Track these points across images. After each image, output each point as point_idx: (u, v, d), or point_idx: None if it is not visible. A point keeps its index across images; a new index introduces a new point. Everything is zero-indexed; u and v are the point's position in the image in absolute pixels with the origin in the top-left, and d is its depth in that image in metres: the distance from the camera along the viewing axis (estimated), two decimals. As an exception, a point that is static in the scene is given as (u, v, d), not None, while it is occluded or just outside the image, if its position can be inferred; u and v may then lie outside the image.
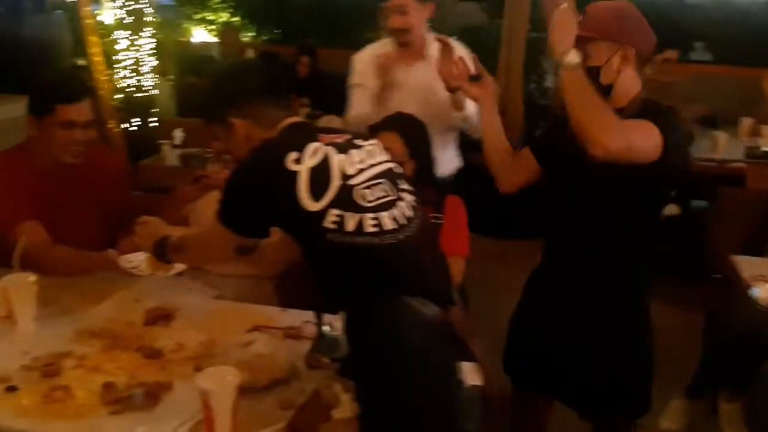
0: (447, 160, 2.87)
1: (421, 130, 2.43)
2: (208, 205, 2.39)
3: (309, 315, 1.82)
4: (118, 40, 4.62)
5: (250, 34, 7.70)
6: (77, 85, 2.33)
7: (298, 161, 1.46)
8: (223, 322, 1.94)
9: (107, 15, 4.58)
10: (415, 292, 1.44)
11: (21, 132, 2.28)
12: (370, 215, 1.46)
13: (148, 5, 4.67)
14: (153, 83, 4.92)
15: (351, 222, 1.44)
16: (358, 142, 1.58)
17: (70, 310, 1.98)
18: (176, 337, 1.84)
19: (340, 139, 1.56)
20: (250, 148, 1.59)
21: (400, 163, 2.20)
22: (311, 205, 1.43)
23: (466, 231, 2.45)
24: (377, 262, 1.47)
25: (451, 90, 2.36)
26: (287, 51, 5.94)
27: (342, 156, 1.51)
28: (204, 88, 1.80)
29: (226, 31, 7.20)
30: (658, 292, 2.05)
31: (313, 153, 1.48)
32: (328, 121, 4.36)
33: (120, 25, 4.63)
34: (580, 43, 1.73)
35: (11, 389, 1.59)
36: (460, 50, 2.61)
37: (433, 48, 2.64)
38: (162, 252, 1.80)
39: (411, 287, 1.45)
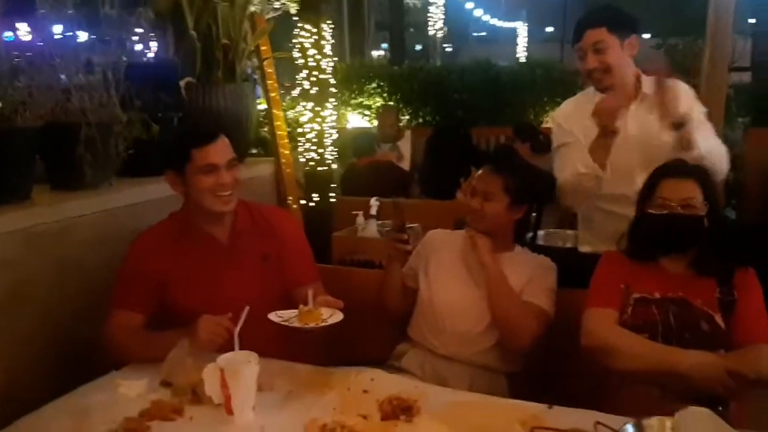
0: None
1: (712, 176, 2.04)
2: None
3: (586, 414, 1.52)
4: (303, 112, 4.56)
5: (404, 118, 7.74)
6: (206, 126, 2.19)
7: None
8: (482, 419, 1.61)
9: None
10: None
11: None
12: None
13: (331, 77, 4.59)
14: (333, 158, 4.79)
15: None
16: None
17: (290, 399, 1.75)
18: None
19: None
20: None
21: (700, 218, 1.80)
22: None
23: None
24: None
25: (676, 127, 2.14)
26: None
27: None
28: None
29: (385, 110, 7.01)
30: None
31: None
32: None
33: (305, 96, 4.56)
34: None
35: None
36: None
37: (647, 86, 2.36)
38: None
39: None
